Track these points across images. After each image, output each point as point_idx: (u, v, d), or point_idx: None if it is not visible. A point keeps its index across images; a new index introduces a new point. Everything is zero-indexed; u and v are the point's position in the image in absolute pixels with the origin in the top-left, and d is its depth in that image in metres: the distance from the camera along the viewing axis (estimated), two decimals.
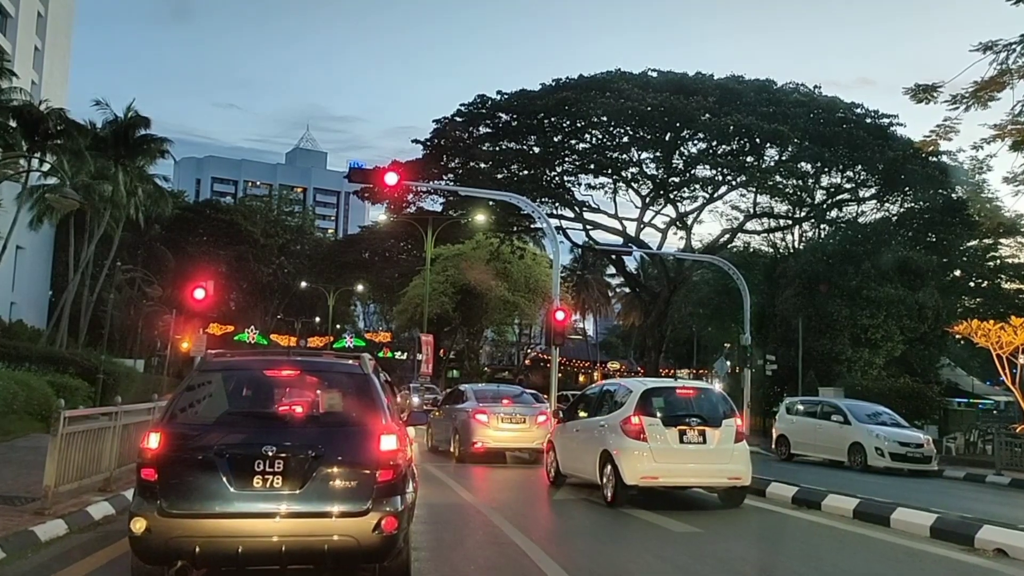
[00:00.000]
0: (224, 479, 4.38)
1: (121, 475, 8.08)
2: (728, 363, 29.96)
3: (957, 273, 33.13)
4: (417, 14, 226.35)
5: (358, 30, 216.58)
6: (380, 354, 55.64)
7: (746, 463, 8.79)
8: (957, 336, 28.66)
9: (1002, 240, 33.35)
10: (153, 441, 4.51)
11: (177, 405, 4.86)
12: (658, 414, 8.66)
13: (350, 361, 5.32)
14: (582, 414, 10.22)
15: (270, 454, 4.43)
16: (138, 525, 4.33)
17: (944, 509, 8.14)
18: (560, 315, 16.08)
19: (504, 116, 32.17)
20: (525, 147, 32.32)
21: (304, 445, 4.53)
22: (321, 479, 4.46)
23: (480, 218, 32.74)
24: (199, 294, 17.25)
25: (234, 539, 4.37)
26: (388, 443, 4.64)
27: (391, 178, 14.39)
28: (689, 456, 8.53)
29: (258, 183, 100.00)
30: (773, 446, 18.12)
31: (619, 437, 8.62)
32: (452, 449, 13.81)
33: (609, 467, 8.66)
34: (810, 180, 31.77)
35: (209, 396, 5.01)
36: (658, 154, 31.90)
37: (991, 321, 19.07)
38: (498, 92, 31.92)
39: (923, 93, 15.18)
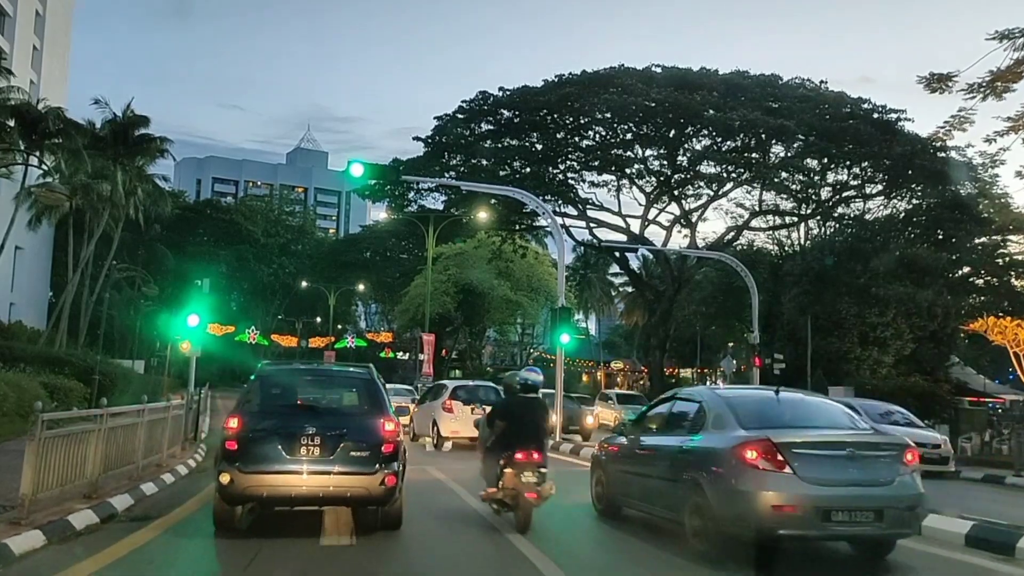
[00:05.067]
0: (280, 448, 6.36)
1: (107, 481, 7.70)
2: (734, 362, 29.56)
3: (966, 270, 32.61)
4: (420, 15, 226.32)
5: (361, 31, 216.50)
6: (382, 354, 55.26)
7: None
8: (962, 334, 28.23)
9: (1011, 237, 32.80)
10: (233, 423, 6.47)
11: (246, 399, 6.91)
12: (461, 399, 15.61)
13: (362, 370, 7.65)
14: (427, 399, 17.66)
15: (311, 432, 6.41)
16: (225, 479, 6.26)
17: (968, 513, 7.74)
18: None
19: (506, 113, 31.77)
20: (527, 144, 31.92)
21: (333, 427, 6.53)
22: (345, 449, 6.43)
23: (482, 215, 32.32)
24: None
25: (288, 488, 6.38)
26: (389, 427, 6.68)
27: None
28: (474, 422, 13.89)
29: (259, 183, 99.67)
30: None
31: (440, 411, 15.88)
32: None
33: (434, 428, 15.95)
34: (815, 176, 31.31)
35: (267, 392, 7.12)
36: (662, 151, 31.48)
37: (1007, 318, 18.62)
38: (500, 88, 31.55)
39: (937, 83, 14.69)
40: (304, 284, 56.25)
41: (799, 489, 5.55)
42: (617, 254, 36.92)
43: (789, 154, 30.57)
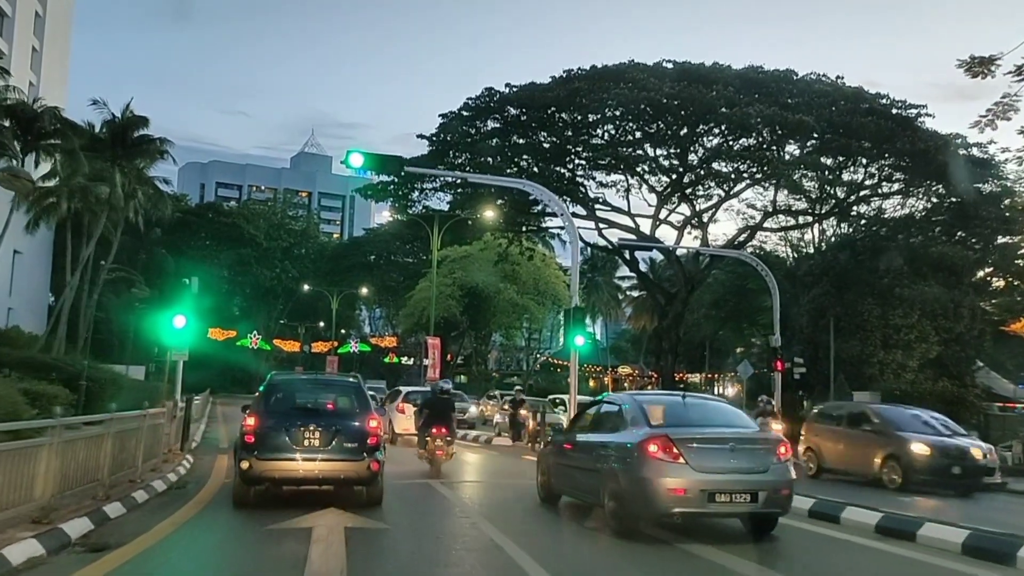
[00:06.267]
0: (288, 440, 8.09)
1: (65, 502, 6.74)
2: (750, 367, 28.48)
3: (989, 270, 31.46)
4: (424, 18, 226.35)
5: (365, 36, 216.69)
6: (386, 359, 54.34)
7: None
8: (988, 337, 27.04)
9: None
10: (250, 421, 8.19)
11: (262, 400, 8.65)
12: (412, 402, 17.39)
13: (352, 379, 9.49)
14: (389, 403, 20.57)
15: (312, 428, 8.15)
16: (245, 465, 7.97)
17: None
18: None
19: (513, 110, 30.80)
20: (535, 142, 30.97)
21: (329, 424, 8.27)
22: (339, 441, 8.16)
23: (489, 214, 31.37)
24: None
25: (294, 471, 8.10)
26: (373, 424, 8.48)
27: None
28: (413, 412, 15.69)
29: (262, 188, 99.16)
30: (803, 458, 16.51)
31: (395, 412, 19.03)
32: None
33: (390, 425, 17.95)
34: (831, 175, 30.22)
35: (277, 396, 8.79)
36: (673, 149, 30.49)
37: None
38: (506, 85, 30.57)
39: (979, 66, 13.58)
40: (307, 288, 55.38)
41: (690, 476, 6.80)
42: (627, 255, 35.90)
43: (805, 151, 29.52)
